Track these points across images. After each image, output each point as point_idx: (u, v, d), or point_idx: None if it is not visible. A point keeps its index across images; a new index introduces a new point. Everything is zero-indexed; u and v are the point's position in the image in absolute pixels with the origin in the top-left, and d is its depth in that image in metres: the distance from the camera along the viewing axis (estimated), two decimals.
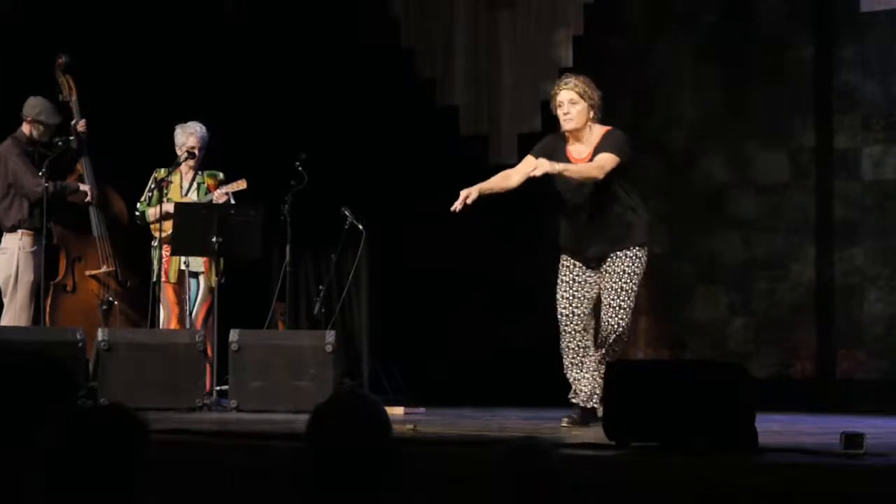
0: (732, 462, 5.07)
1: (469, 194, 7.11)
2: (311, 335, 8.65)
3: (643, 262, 7.20)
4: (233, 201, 8.99)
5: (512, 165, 10.47)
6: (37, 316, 9.03)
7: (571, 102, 7.17)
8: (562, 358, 7.25)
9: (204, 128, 9.14)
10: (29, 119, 9.17)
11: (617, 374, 5.86)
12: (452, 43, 10.76)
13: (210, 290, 9.01)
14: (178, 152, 9.12)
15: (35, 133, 9.17)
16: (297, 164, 9.11)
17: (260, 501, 5.23)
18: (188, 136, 9.11)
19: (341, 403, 3.17)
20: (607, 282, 7.16)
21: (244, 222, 8.77)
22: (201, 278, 9.10)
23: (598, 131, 7.24)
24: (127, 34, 10.24)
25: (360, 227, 9.48)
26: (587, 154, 7.22)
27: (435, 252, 10.60)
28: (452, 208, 7.08)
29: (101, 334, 8.38)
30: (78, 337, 8.28)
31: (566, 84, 7.22)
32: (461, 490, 4.45)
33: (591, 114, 7.21)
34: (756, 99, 9.86)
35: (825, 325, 9.61)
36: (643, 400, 5.55)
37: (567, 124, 7.19)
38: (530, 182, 7.30)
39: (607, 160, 7.07)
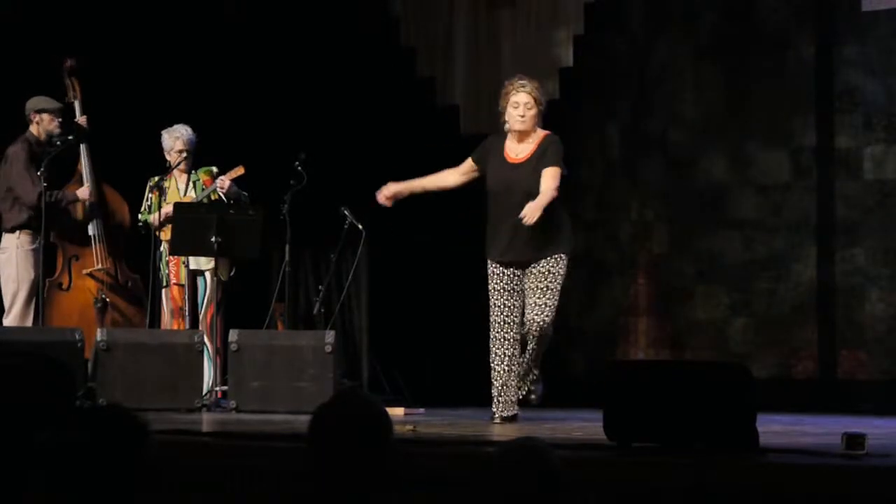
0: (733, 463, 5.06)
1: (396, 192, 7.78)
2: (311, 335, 8.64)
3: (566, 266, 7.49)
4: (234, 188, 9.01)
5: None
6: (36, 315, 9.02)
7: (527, 106, 7.48)
8: (491, 364, 7.54)
9: (190, 129, 9.13)
10: (32, 115, 9.17)
11: (617, 374, 5.86)
12: (452, 43, 10.74)
13: (219, 286, 9.01)
14: (167, 157, 9.13)
15: (42, 127, 9.15)
16: (297, 163, 9.09)
17: (260, 502, 5.22)
18: (174, 139, 9.11)
19: (341, 404, 3.17)
20: (532, 282, 7.44)
21: (243, 222, 8.76)
22: (207, 276, 9.09)
23: (538, 135, 7.54)
24: (126, 34, 10.21)
25: (360, 226, 9.47)
26: (525, 155, 7.49)
27: (435, 252, 10.59)
28: (379, 199, 7.74)
29: (99, 334, 8.37)
30: (77, 337, 8.27)
31: (523, 86, 7.53)
32: (461, 490, 4.45)
33: (538, 119, 7.52)
34: (757, 98, 9.85)
35: (826, 325, 9.59)
36: (643, 400, 5.54)
37: (521, 125, 7.48)
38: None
39: (556, 175, 7.38)
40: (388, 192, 7.84)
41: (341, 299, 10.07)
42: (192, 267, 9.08)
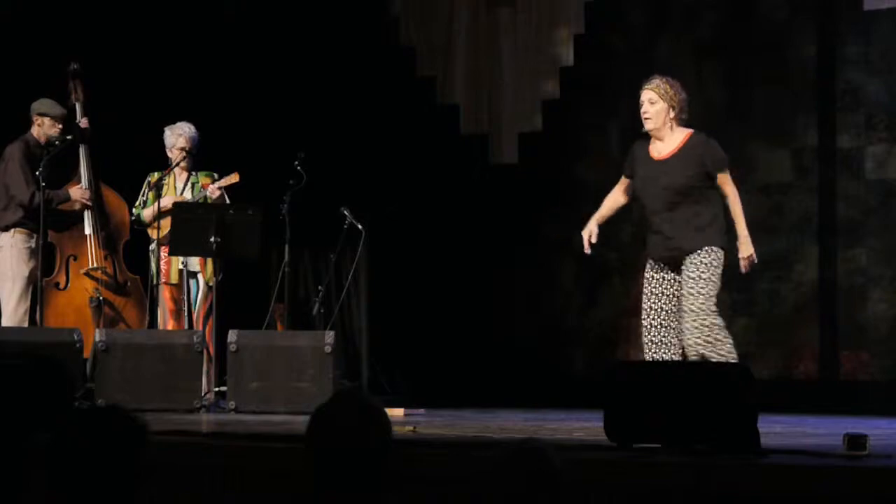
0: (734, 463, 5.04)
1: (591, 232, 7.40)
2: (310, 336, 8.62)
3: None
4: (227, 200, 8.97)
5: (512, 165, 10.53)
6: (33, 315, 9.01)
7: (650, 102, 7.25)
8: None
9: (193, 127, 9.11)
10: (34, 117, 9.18)
11: (618, 374, 5.84)
12: (452, 42, 10.74)
13: (209, 288, 8.99)
14: (169, 154, 9.11)
15: (42, 130, 9.15)
16: (296, 163, 9.08)
17: (259, 503, 5.21)
18: (177, 136, 9.09)
19: (341, 404, 3.15)
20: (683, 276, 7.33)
21: (243, 222, 8.74)
22: (200, 277, 9.08)
23: (680, 133, 7.29)
24: (125, 34, 10.21)
25: (360, 226, 9.45)
26: (668, 152, 7.27)
27: (435, 251, 10.58)
28: (586, 251, 7.36)
29: (98, 335, 8.35)
30: (76, 338, 8.25)
31: (648, 84, 7.31)
32: (461, 491, 4.43)
33: (672, 114, 7.25)
34: (758, 98, 9.83)
35: (828, 325, 9.58)
36: (644, 401, 5.52)
37: (646, 124, 7.28)
38: (530, 180, 7.37)
39: (729, 180, 7.36)
40: (590, 238, 7.49)
41: (341, 299, 10.06)
42: (186, 268, 9.06)
